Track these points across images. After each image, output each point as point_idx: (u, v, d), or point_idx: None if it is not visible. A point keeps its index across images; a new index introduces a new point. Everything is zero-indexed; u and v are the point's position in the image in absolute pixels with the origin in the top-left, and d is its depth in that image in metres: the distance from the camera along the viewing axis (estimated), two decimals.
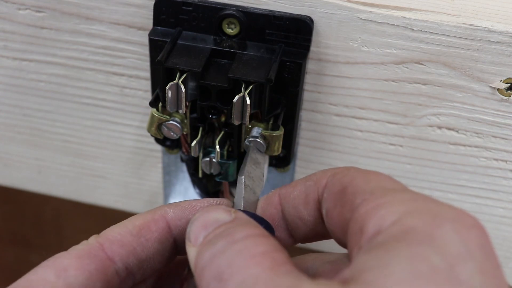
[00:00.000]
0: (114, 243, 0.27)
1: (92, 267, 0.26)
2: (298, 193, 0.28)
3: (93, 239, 0.27)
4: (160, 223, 0.28)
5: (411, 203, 0.23)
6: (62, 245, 0.28)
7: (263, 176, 0.33)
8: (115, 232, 0.28)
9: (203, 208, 0.28)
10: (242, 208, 0.30)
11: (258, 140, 0.33)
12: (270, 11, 0.33)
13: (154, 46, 0.34)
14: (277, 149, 0.34)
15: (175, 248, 0.29)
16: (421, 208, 0.23)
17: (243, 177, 0.31)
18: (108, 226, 0.28)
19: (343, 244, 0.26)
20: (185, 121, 0.34)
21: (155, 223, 0.28)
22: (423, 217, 0.22)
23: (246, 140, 0.34)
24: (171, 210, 0.29)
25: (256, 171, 0.32)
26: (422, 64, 0.33)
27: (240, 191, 0.30)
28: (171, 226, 0.29)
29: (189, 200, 0.29)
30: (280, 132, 0.33)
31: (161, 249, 0.28)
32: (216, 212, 0.26)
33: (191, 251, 0.25)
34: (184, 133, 0.35)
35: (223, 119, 0.34)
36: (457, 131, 0.36)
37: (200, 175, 0.37)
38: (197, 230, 0.25)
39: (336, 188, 0.26)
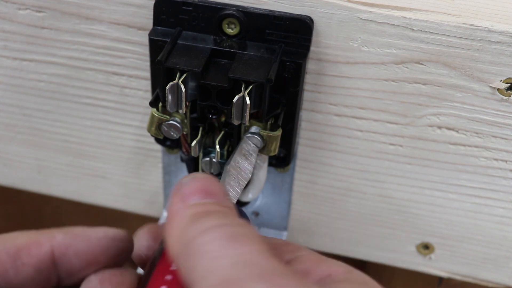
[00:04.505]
0: None
1: None
2: None
3: None
4: (44, 247, 0.25)
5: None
6: None
7: (251, 169, 0.33)
8: None
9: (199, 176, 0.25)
10: None
11: (255, 136, 0.33)
12: (270, 11, 0.33)
13: (154, 46, 0.34)
14: (274, 150, 0.34)
15: (55, 279, 0.25)
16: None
17: (228, 166, 0.31)
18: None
19: None
20: (185, 121, 0.34)
21: (38, 246, 0.25)
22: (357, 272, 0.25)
23: (244, 135, 0.34)
24: (60, 236, 0.25)
25: (244, 163, 0.32)
26: (422, 64, 0.33)
27: (223, 179, 0.30)
28: (56, 253, 0.25)
29: (83, 227, 0.26)
30: (278, 132, 0.33)
31: (37, 278, 0.25)
32: (217, 187, 0.24)
33: (178, 207, 0.23)
34: (184, 133, 0.35)
35: (223, 119, 0.34)
36: (457, 131, 0.36)
37: None
38: (192, 190, 0.24)
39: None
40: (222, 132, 0.35)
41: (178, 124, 0.34)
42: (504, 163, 0.37)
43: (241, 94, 0.31)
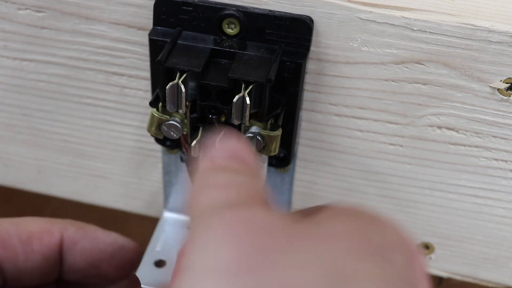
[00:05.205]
0: None
1: None
2: None
3: None
4: (55, 237, 0.25)
5: None
6: None
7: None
8: (2, 228, 0.24)
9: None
10: None
11: (257, 137, 0.33)
12: (270, 11, 0.33)
13: (154, 46, 0.34)
14: (274, 150, 0.34)
15: (56, 272, 0.25)
16: None
17: None
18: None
19: None
20: (185, 121, 0.34)
21: (50, 235, 0.25)
22: None
23: (244, 135, 0.34)
24: (72, 229, 0.26)
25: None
26: (422, 64, 0.33)
27: None
28: (65, 245, 0.25)
29: (96, 227, 0.26)
30: (278, 132, 0.33)
31: (44, 266, 0.25)
32: (247, 152, 0.22)
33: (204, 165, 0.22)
34: (184, 133, 0.35)
35: (223, 119, 0.34)
36: (457, 131, 0.36)
37: None
38: (221, 152, 0.22)
39: None
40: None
41: (178, 124, 0.34)
42: (504, 163, 0.37)
43: (241, 94, 0.31)
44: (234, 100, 0.32)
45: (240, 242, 0.18)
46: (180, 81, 0.32)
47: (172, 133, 0.35)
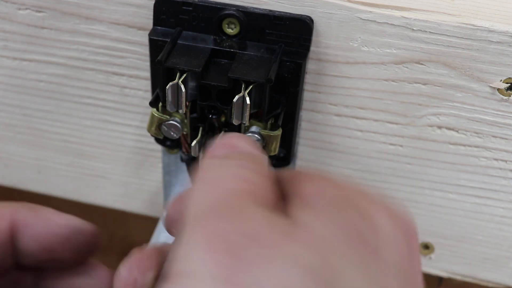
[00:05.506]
0: None
1: None
2: None
3: None
4: (5, 220, 0.24)
5: None
6: None
7: None
8: None
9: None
10: None
11: (256, 136, 0.33)
12: (270, 11, 0.33)
13: (154, 46, 0.34)
14: (274, 149, 0.34)
15: (10, 258, 0.24)
16: None
17: None
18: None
19: None
20: (185, 121, 0.34)
21: (0, 218, 0.24)
22: None
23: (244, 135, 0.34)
24: (24, 212, 0.24)
25: None
26: (422, 64, 0.33)
27: None
28: (17, 228, 0.24)
29: (49, 209, 0.25)
30: (278, 132, 0.33)
31: None
32: (242, 141, 0.23)
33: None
34: (184, 133, 0.35)
35: (223, 119, 0.34)
36: (457, 131, 0.36)
37: None
38: (219, 145, 0.23)
39: None
40: (222, 132, 0.35)
41: (178, 124, 0.34)
42: (504, 163, 0.37)
43: (241, 94, 0.31)
44: (234, 100, 0.32)
45: (220, 254, 0.18)
46: (180, 81, 0.32)
47: (172, 133, 0.35)
